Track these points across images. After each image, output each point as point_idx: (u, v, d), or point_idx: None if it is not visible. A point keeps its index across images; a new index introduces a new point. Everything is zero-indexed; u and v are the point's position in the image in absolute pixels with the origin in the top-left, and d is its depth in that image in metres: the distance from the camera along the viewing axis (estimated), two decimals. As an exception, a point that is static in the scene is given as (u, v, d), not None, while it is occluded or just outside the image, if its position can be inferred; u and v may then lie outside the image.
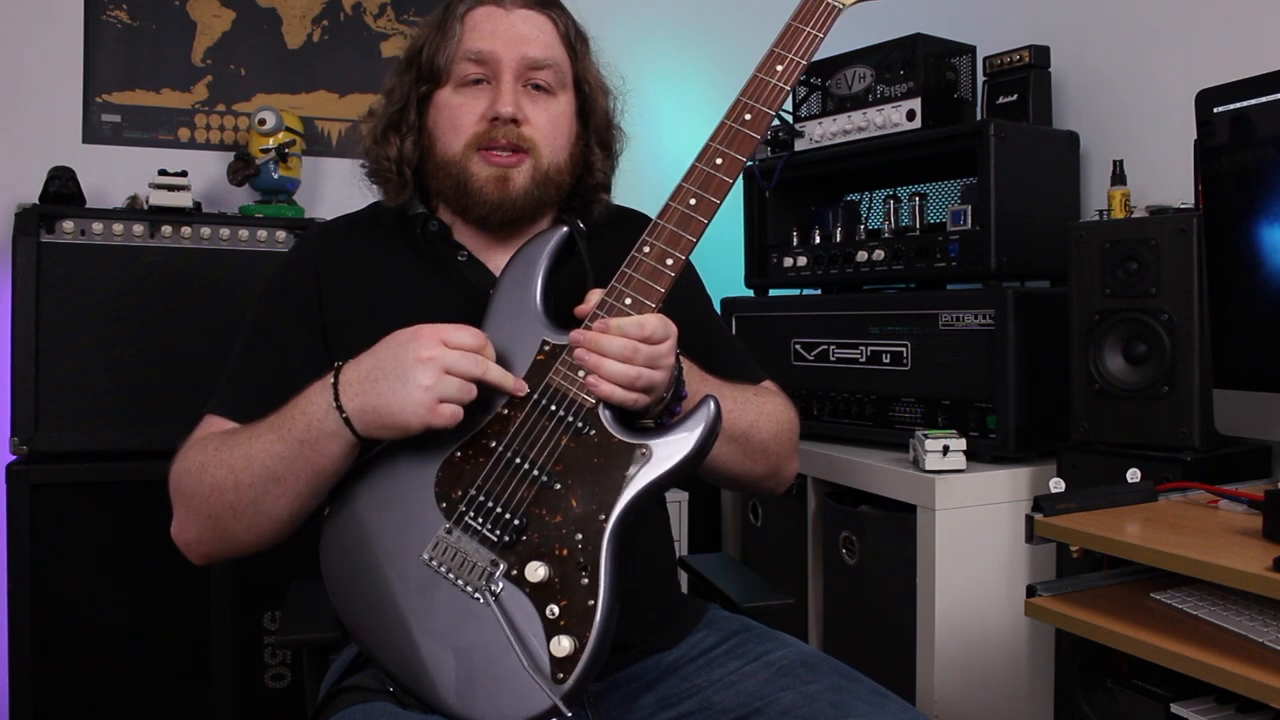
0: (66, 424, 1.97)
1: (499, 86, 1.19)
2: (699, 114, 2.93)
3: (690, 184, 1.09)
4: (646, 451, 1.02)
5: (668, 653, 1.20)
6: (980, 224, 1.88)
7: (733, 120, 1.11)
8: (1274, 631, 1.07)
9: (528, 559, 1.01)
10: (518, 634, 0.99)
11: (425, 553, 1.03)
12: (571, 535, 1.01)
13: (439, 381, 0.99)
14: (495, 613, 1.00)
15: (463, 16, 1.22)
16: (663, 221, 1.08)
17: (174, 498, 1.13)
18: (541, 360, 1.06)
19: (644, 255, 1.07)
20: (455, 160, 1.20)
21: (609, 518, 1.01)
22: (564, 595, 0.99)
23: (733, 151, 1.09)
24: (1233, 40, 1.88)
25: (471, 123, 1.20)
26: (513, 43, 1.20)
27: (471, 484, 1.04)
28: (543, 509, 1.02)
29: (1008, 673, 1.80)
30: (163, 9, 2.45)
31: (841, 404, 2.10)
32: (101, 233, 2.03)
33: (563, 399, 1.04)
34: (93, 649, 1.96)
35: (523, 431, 1.04)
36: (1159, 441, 1.60)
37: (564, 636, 0.98)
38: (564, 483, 1.03)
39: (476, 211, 1.22)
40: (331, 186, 2.57)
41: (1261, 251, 1.32)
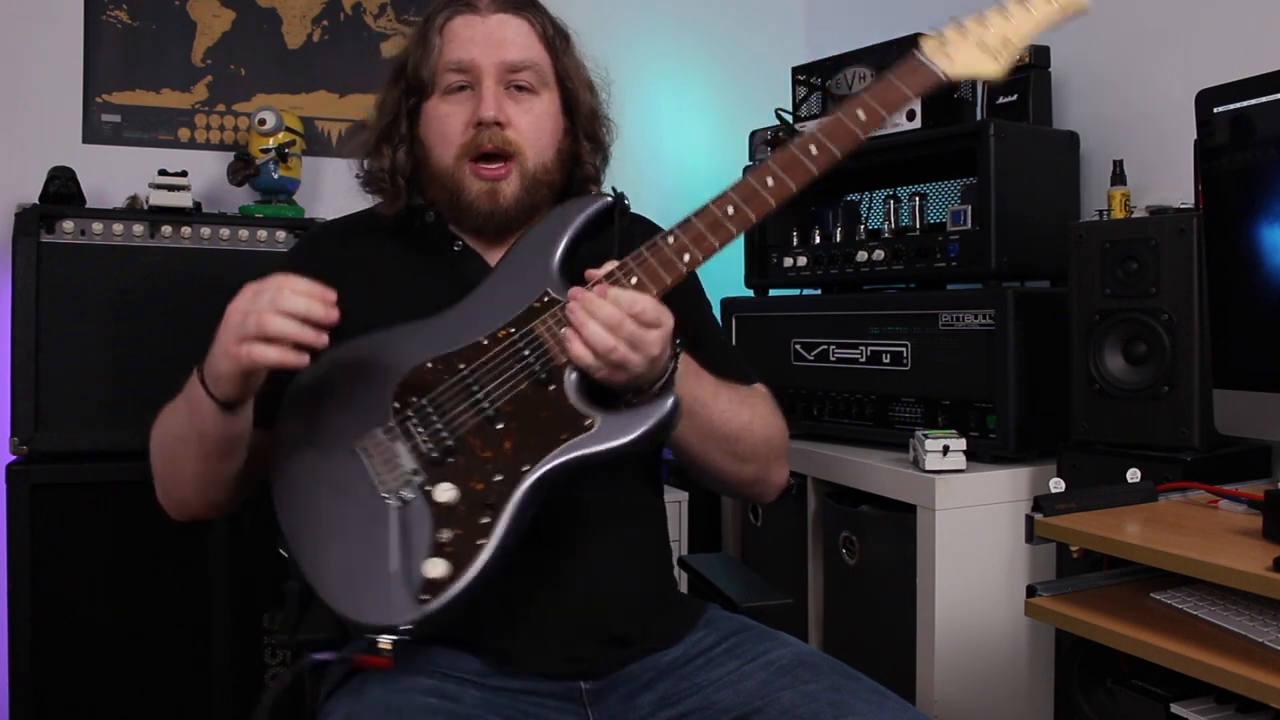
0: (66, 424, 1.97)
1: (480, 91, 1.22)
2: (699, 114, 2.95)
3: (735, 193, 1.09)
4: (592, 424, 1.04)
5: (667, 652, 1.20)
6: (980, 224, 1.88)
7: (797, 149, 1.09)
8: (1274, 631, 1.07)
9: (444, 479, 1.04)
10: (405, 544, 1.02)
11: (363, 442, 1.07)
12: (492, 474, 1.03)
13: (236, 326, 1.02)
14: (392, 516, 1.03)
15: (441, 28, 1.25)
16: (695, 219, 1.08)
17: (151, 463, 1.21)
18: (536, 307, 1.09)
19: (665, 244, 1.07)
20: (448, 172, 1.24)
21: (532, 470, 1.03)
22: (461, 526, 1.02)
23: (786, 176, 1.08)
24: (1233, 40, 1.88)
25: (458, 131, 1.23)
26: (491, 48, 1.23)
27: (426, 394, 1.08)
28: (479, 439, 1.05)
29: (1008, 673, 1.80)
30: (163, 9, 2.45)
31: (841, 404, 2.10)
32: (101, 233, 2.03)
33: (539, 347, 1.07)
34: (93, 649, 1.96)
35: (491, 364, 1.07)
36: (1159, 441, 1.60)
37: (443, 561, 1.00)
38: (507, 423, 1.05)
39: (471, 222, 1.25)
40: (331, 186, 2.57)
41: (1261, 251, 1.32)
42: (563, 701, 1.15)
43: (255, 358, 1.00)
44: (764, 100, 2.41)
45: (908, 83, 1.11)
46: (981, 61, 1.12)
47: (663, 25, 2.89)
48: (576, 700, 1.15)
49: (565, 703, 1.15)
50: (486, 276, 1.15)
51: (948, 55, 1.11)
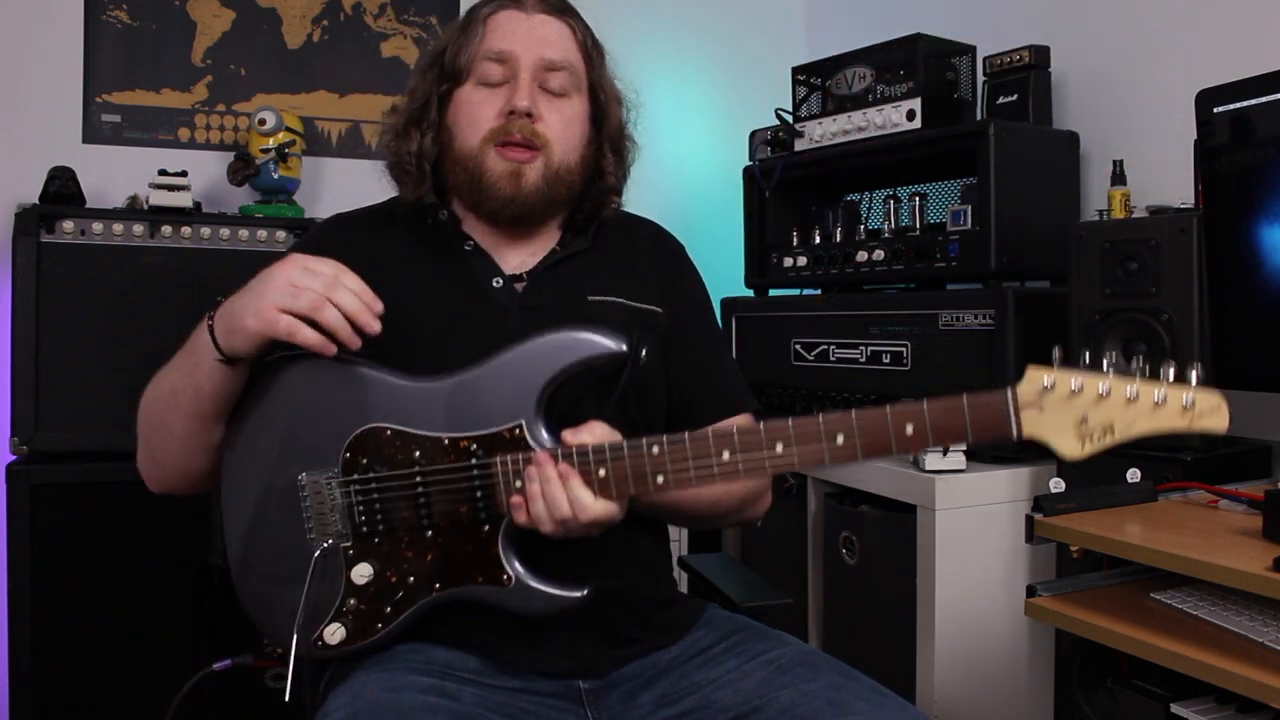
0: (66, 424, 1.97)
1: (516, 83, 1.23)
2: (699, 114, 2.94)
3: (739, 438, 1.01)
4: (509, 581, 1.06)
5: (666, 651, 1.20)
6: (980, 224, 1.88)
7: (824, 428, 0.99)
8: (1274, 631, 1.07)
9: (366, 558, 1.08)
10: (316, 588, 1.07)
11: (308, 477, 1.09)
12: (408, 574, 1.07)
13: (281, 293, 1.03)
14: (313, 560, 1.08)
15: (485, 18, 1.27)
16: (687, 442, 1.02)
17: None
18: (505, 438, 1.06)
19: (647, 453, 1.02)
20: (472, 154, 1.23)
21: (442, 592, 1.07)
22: (367, 604, 1.08)
23: (796, 450, 1.00)
24: (1233, 40, 1.88)
25: (489, 118, 1.23)
26: (531, 44, 1.24)
27: (376, 462, 1.08)
28: (407, 536, 1.08)
29: (1008, 673, 1.80)
30: (163, 9, 2.45)
31: (841, 404, 2.10)
32: (101, 233, 2.03)
33: (488, 484, 1.06)
34: (93, 649, 1.96)
35: (442, 472, 1.07)
36: (1159, 441, 1.60)
37: (341, 628, 1.07)
38: (435, 537, 1.08)
39: (489, 205, 1.24)
40: (331, 186, 2.57)
41: (1261, 251, 1.32)
42: (562, 700, 1.15)
43: (294, 333, 1.02)
44: (764, 100, 2.41)
45: (976, 419, 0.98)
46: (1066, 439, 0.95)
47: (663, 25, 2.89)
48: (575, 699, 1.15)
49: (564, 701, 1.15)
50: (479, 363, 1.09)
51: (1038, 411, 0.95)
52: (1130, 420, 0.94)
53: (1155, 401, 0.93)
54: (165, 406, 1.14)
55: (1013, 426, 0.96)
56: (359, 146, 2.63)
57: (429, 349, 1.16)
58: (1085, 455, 0.95)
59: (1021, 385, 0.96)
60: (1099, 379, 0.94)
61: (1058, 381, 0.95)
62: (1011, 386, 0.96)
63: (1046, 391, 0.95)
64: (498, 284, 1.25)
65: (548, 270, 1.27)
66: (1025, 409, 0.95)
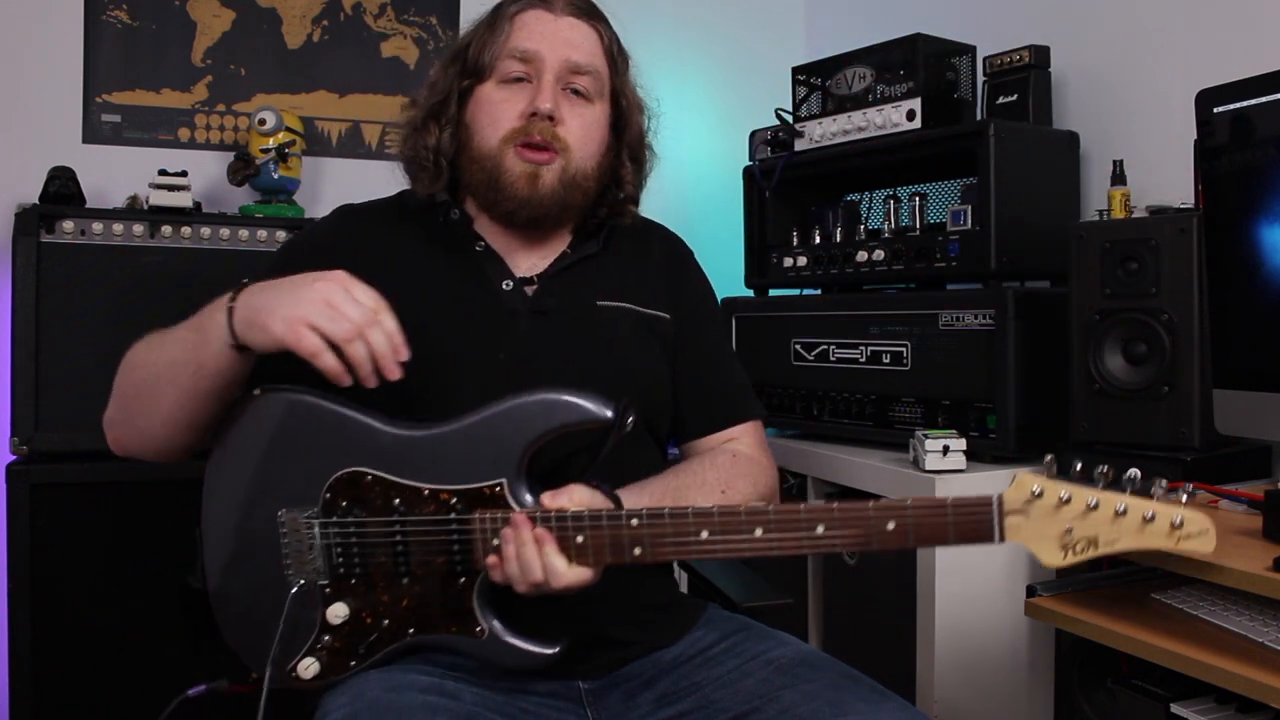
0: (66, 424, 1.97)
1: (540, 84, 1.23)
2: (699, 114, 2.94)
3: (719, 517, 1.00)
4: (482, 633, 1.07)
5: (666, 650, 1.20)
6: (980, 224, 1.88)
7: (805, 516, 0.99)
8: (1274, 631, 1.07)
9: (342, 598, 1.09)
10: (292, 621, 1.08)
11: (286, 515, 1.10)
12: (382, 617, 1.08)
13: (317, 309, 1.01)
14: (289, 595, 1.08)
15: (512, 16, 1.26)
16: (668, 517, 1.02)
17: (114, 389, 1.18)
18: (486, 494, 1.06)
19: (626, 524, 1.02)
20: (491, 153, 1.23)
21: (415, 636, 1.08)
22: (340, 641, 1.09)
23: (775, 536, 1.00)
24: (1233, 40, 1.88)
25: (511, 118, 1.23)
26: (558, 45, 1.24)
27: (356, 505, 1.08)
28: (383, 580, 1.08)
29: (1008, 673, 1.80)
30: (163, 9, 2.45)
31: (841, 404, 2.10)
32: (101, 233, 2.03)
33: (466, 539, 1.06)
34: (93, 649, 1.96)
35: (422, 523, 1.07)
36: (1159, 441, 1.60)
37: (315, 662, 1.09)
38: (410, 585, 1.08)
39: (505, 206, 1.24)
40: (331, 186, 2.57)
41: (1261, 251, 1.32)
42: (562, 700, 1.15)
43: (317, 355, 1.01)
44: (764, 100, 2.41)
45: (959, 524, 0.97)
46: (1048, 548, 0.95)
47: (663, 25, 2.89)
48: (575, 699, 1.15)
49: (564, 701, 1.15)
50: (466, 416, 1.08)
51: (1024, 518, 0.95)
52: (1115, 536, 0.93)
53: (1144, 518, 0.92)
54: (160, 376, 1.12)
55: (995, 533, 0.96)
56: (359, 146, 2.63)
57: (437, 349, 1.16)
58: (1065, 565, 0.95)
59: (1009, 491, 0.96)
60: (1088, 492, 0.94)
61: (1046, 490, 0.95)
62: (999, 495, 0.96)
63: (1034, 499, 0.95)
64: (508, 286, 1.25)
65: (558, 274, 1.27)
66: (1010, 515, 0.95)
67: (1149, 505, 0.92)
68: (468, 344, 1.20)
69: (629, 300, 1.29)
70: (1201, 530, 0.91)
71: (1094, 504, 0.93)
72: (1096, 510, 0.93)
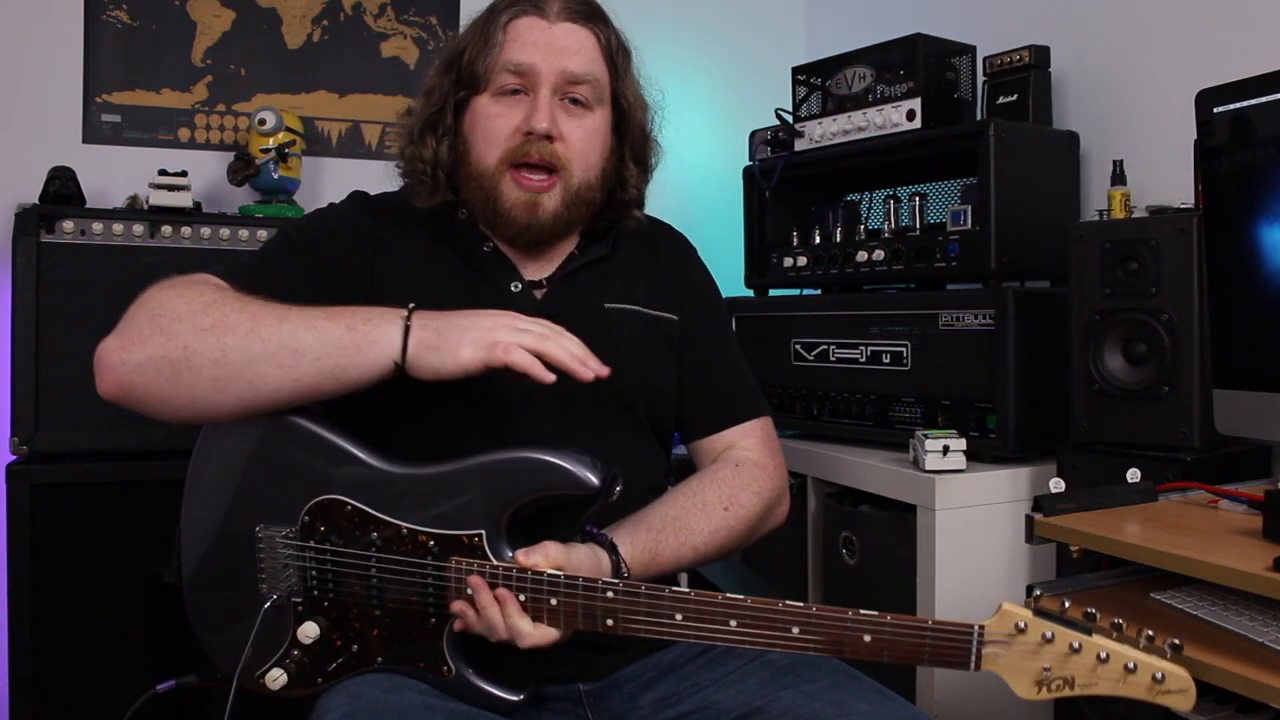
0: (66, 424, 1.97)
1: (536, 100, 1.19)
2: (699, 114, 2.94)
3: (694, 604, 0.99)
4: (448, 672, 1.07)
5: (667, 651, 1.20)
6: (980, 224, 1.88)
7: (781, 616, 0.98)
8: (1274, 631, 1.07)
9: (314, 617, 1.09)
10: (263, 634, 1.09)
11: (264, 532, 1.09)
12: (351, 643, 1.08)
13: (503, 329, 1.02)
14: (263, 609, 1.09)
15: (505, 25, 1.21)
16: (644, 594, 1.01)
17: (142, 314, 1.08)
18: (463, 543, 1.06)
19: (600, 595, 1.01)
20: (488, 175, 1.20)
21: (383, 667, 1.08)
22: (309, 658, 1.10)
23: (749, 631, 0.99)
24: (1233, 40, 1.88)
25: (505, 135, 1.19)
26: (553, 55, 1.20)
27: (333, 532, 1.08)
28: (356, 608, 1.08)
29: (1008, 673, 1.80)
30: (163, 9, 2.45)
31: (841, 404, 2.10)
32: (101, 233, 2.03)
33: (441, 583, 1.06)
34: (93, 649, 1.96)
35: (397, 561, 1.07)
36: (1159, 441, 1.60)
37: (283, 674, 1.09)
38: (382, 618, 1.08)
39: (505, 230, 1.23)
40: (331, 186, 2.57)
41: (1261, 251, 1.32)
42: (562, 702, 1.15)
43: (509, 350, 1.01)
44: (764, 100, 2.41)
45: (936, 648, 0.96)
46: (1023, 683, 0.95)
47: (663, 25, 2.89)
48: (576, 701, 1.15)
49: (565, 704, 1.15)
50: (453, 462, 1.07)
51: (1004, 649, 0.94)
52: (1093, 681, 0.92)
53: (1126, 669, 0.91)
54: (267, 352, 1.03)
55: (972, 662, 0.95)
56: (359, 146, 2.63)
57: None
58: (1037, 699, 0.94)
59: (992, 621, 0.95)
60: (1072, 634, 0.92)
61: (1030, 627, 0.93)
62: (981, 626, 0.94)
63: (1017, 634, 0.94)
64: (517, 289, 1.24)
65: (566, 278, 1.26)
66: (990, 644, 0.94)
67: (1133, 656, 0.91)
68: None
69: (636, 302, 1.28)
70: (1182, 689, 0.90)
71: (1077, 647, 0.92)
72: (1079, 654, 0.92)
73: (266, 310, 1.06)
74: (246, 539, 1.10)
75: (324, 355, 1.03)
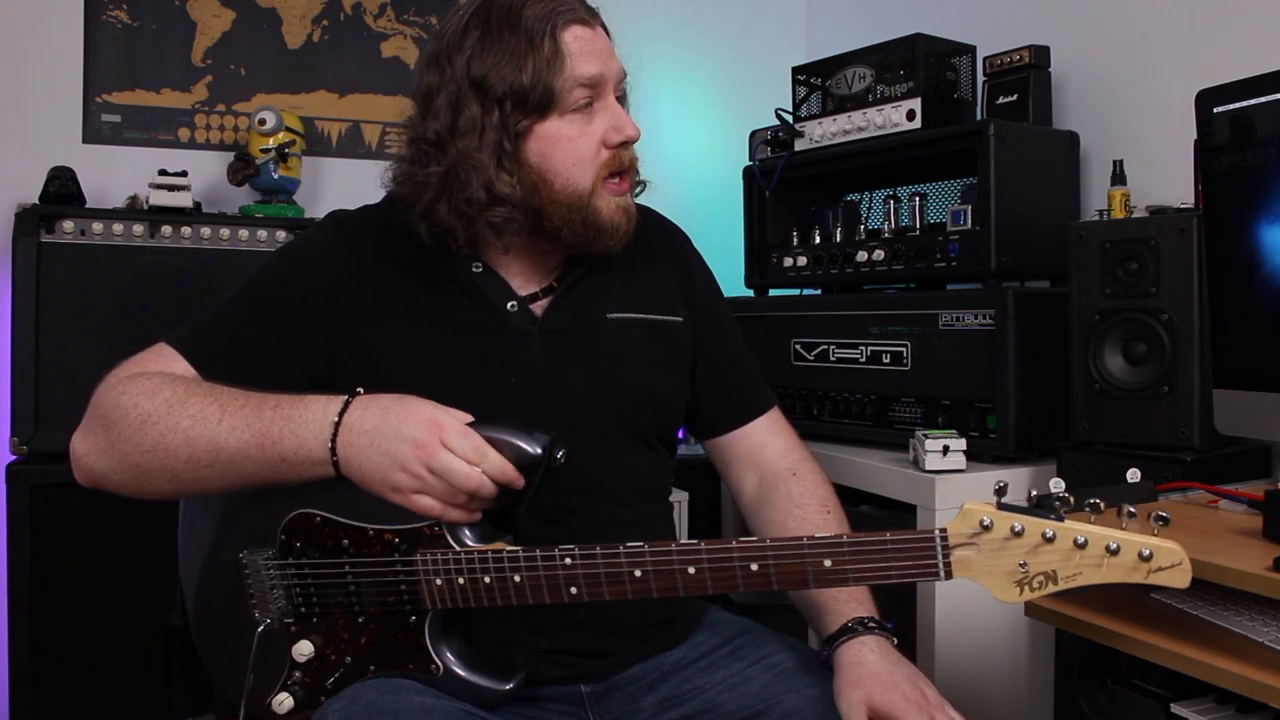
0: (66, 424, 1.92)
1: (611, 109, 1.16)
2: (699, 114, 2.95)
3: (650, 557, 0.99)
4: (437, 670, 1.07)
5: (669, 654, 1.19)
6: (980, 224, 1.88)
7: (738, 553, 0.97)
8: (1274, 631, 1.07)
9: (307, 635, 1.09)
10: (264, 658, 1.10)
11: (249, 554, 1.10)
12: (344, 655, 1.09)
13: (414, 479, 0.99)
14: (258, 634, 1.10)
15: (560, 38, 1.12)
16: (600, 555, 1.00)
17: (96, 423, 1.10)
18: (425, 534, 1.06)
19: (560, 564, 1.01)
20: (581, 195, 1.14)
21: (377, 674, 1.08)
22: (310, 677, 1.09)
23: (708, 575, 0.98)
24: (1233, 40, 1.88)
25: (593, 153, 1.15)
26: (609, 60, 1.17)
27: (309, 551, 1.09)
28: (342, 619, 1.09)
29: (1008, 673, 1.80)
30: (163, 9, 2.44)
31: (841, 404, 2.10)
32: (101, 233, 2.03)
33: (412, 580, 1.06)
34: (93, 649, 1.96)
35: (369, 565, 1.07)
36: (1159, 441, 1.60)
37: (290, 698, 1.09)
38: (366, 624, 1.08)
39: (605, 243, 1.17)
40: (331, 186, 2.57)
41: (1261, 251, 1.32)
42: (563, 704, 1.15)
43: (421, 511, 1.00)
44: (764, 100, 2.41)
45: (900, 561, 0.92)
46: (1002, 585, 0.88)
47: (663, 25, 2.89)
48: (577, 703, 1.15)
49: (566, 705, 1.15)
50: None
51: (973, 551, 0.88)
52: (1075, 571, 0.84)
53: (1108, 550, 0.83)
54: (215, 474, 1.06)
55: (941, 569, 0.91)
56: (359, 146, 2.63)
57: (447, 376, 1.13)
58: (1021, 601, 0.88)
59: (955, 523, 0.90)
60: (1043, 523, 0.85)
61: (996, 522, 0.87)
62: (943, 528, 0.90)
63: (982, 532, 0.87)
64: (513, 307, 1.19)
65: (566, 291, 1.21)
66: (957, 548, 0.89)
67: (1113, 535, 0.83)
68: (478, 369, 1.15)
69: (639, 310, 1.25)
70: (1174, 563, 0.82)
71: (1050, 536, 0.85)
72: (1053, 542, 0.85)
73: (201, 428, 1.05)
74: (235, 567, 1.12)
75: (265, 476, 1.05)
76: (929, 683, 1.08)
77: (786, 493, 1.26)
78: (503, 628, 1.12)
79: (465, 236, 1.14)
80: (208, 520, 1.16)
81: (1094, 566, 0.84)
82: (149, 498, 1.11)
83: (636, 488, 1.21)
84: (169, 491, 1.10)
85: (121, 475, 1.09)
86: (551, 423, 1.04)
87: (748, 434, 1.33)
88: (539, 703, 1.13)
